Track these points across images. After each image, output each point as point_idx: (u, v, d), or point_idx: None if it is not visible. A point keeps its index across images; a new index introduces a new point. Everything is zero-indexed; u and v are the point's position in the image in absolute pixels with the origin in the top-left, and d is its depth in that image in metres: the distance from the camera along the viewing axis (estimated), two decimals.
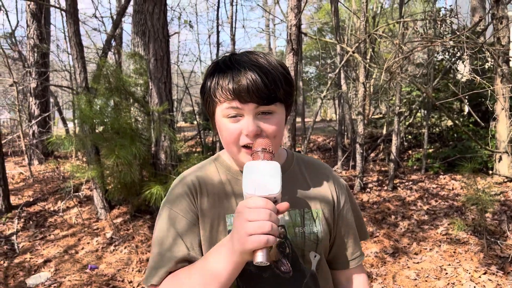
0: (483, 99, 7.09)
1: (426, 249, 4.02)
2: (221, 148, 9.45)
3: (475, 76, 2.89)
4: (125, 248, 4.43)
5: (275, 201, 0.82)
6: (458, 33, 3.89)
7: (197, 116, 9.94)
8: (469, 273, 3.44)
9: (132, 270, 3.94)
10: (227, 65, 0.93)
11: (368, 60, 5.67)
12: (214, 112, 0.96)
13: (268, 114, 0.93)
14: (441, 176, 6.69)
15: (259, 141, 0.89)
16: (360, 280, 1.14)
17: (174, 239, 0.99)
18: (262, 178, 0.81)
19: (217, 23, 8.99)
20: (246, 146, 0.93)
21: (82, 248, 4.50)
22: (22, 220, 5.38)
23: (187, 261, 0.96)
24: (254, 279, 0.98)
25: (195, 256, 0.97)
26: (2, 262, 4.26)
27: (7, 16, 9.07)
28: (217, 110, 0.95)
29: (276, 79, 0.92)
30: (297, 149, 8.53)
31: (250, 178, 0.82)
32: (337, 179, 1.15)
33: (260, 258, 0.76)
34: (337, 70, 6.44)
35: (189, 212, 1.01)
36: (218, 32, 9.04)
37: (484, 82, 2.88)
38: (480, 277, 3.36)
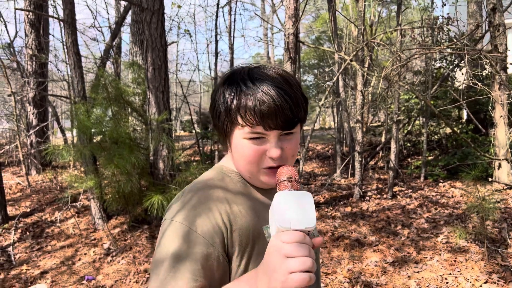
0: (481, 106, 7.10)
1: (426, 257, 3.99)
2: (220, 157, 9.29)
3: (477, 82, 2.88)
4: (122, 258, 4.39)
5: (308, 235, 0.76)
6: (455, 40, 3.90)
7: (195, 125, 9.93)
8: (470, 282, 3.41)
9: (130, 281, 3.89)
10: (247, 85, 0.88)
11: (366, 68, 5.68)
12: (232, 133, 0.92)
13: (289, 134, 0.91)
14: (440, 184, 6.67)
15: (283, 169, 0.84)
16: None
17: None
18: (297, 210, 0.75)
19: (216, 32, 8.98)
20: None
21: (79, 259, 4.45)
22: (19, 231, 5.33)
23: None
24: None
25: None
26: None
27: (6, 27, 9.11)
28: (236, 132, 0.91)
29: (299, 101, 0.89)
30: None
31: (282, 210, 0.75)
32: None
33: None
34: (334, 78, 6.45)
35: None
36: (216, 41, 9.03)
37: (485, 88, 2.88)
38: (481, 286, 3.33)
